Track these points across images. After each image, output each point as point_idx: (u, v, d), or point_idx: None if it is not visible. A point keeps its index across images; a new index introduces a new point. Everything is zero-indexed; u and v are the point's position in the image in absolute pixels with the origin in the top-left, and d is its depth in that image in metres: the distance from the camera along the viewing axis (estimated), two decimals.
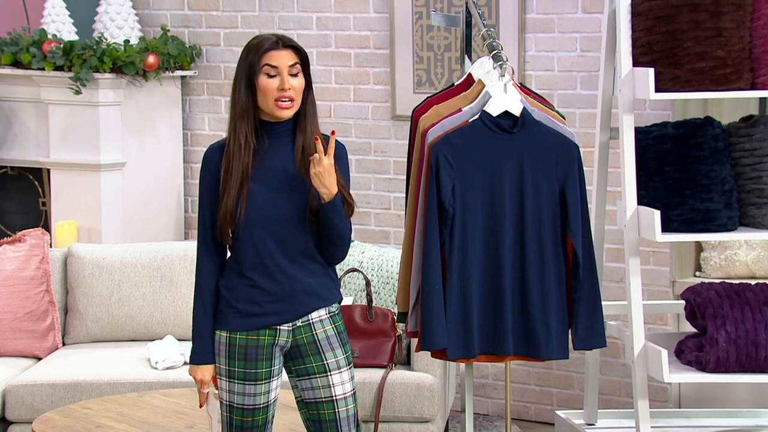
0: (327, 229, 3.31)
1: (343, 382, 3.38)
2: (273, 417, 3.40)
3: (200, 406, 3.45)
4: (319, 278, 3.35)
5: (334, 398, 3.37)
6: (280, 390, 3.41)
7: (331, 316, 3.39)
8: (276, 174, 3.32)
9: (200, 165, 3.40)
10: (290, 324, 3.34)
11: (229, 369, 3.34)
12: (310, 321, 3.36)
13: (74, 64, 5.59)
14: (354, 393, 3.41)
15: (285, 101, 3.29)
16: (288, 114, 3.31)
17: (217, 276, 3.37)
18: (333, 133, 3.31)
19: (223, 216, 3.30)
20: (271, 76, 3.29)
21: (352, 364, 3.41)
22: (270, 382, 3.35)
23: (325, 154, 3.25)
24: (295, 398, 3.44)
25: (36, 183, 5.93)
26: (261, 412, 3.35)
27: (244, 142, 3.30)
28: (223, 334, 3.35)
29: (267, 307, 3.32)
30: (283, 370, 3.42)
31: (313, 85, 3.37)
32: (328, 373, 3.36)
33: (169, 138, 6.02)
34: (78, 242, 5.62)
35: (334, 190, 3.27)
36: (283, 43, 3.30)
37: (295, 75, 3.30)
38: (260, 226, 3.30)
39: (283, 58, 3.29)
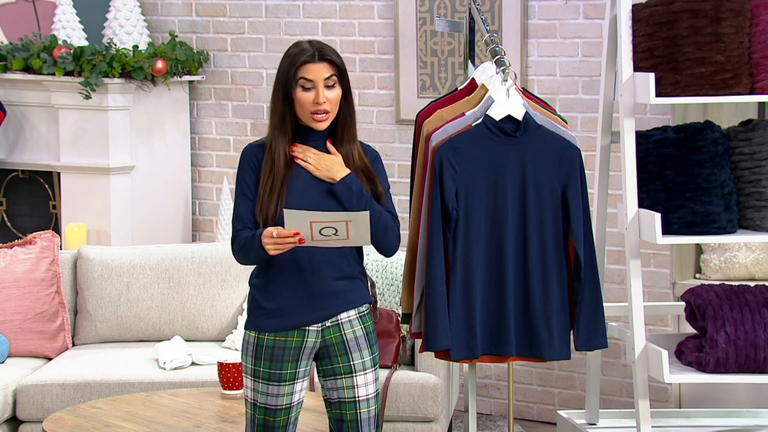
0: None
1: (367, 383, 3.38)
2: (296, 419, 3.39)
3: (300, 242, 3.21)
4: (349, 280, 3.34)
5: (357, 399, 3.37)
6: (305, 393, 3.41)
7: (360, 317, 3.38)
8: (314, 178, 3.33)
9: (238, 162, 3.38)
10: (319, 324, 3.34)
11: (254, 368, 3.34)
12: (339, 321, 3.35)
13: (84, 70, 5.60)
14: (377, 394, 3.41)
15: (320, 114, 3.30)
16: (323, 126, 3.33)
17: None
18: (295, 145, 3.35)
19: (263, 219, 3.30)
20: (307, 89, 3.29)
21: (377, 366, 3.40)
22: (294, 384, 3.34)
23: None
24: (323, 397, 3.45)
25: (46, 186, 5.94)
26: (283, 413, 3.35)
27: (283, 155, 3.32)
28: (252, 334, 3.35)
29: (296, 308, 3.30)
30: (314, 369, 3.41)
31: None
32: (354, 374, 3.36)
33: (177, 142, 6.03)
34: (87, 244, 5.64)
35: (338, 175, 3.30)
36: (320, 55, 3.29)
37: (331, 87, 3.31)
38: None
39: (319, 72, 3.28)
